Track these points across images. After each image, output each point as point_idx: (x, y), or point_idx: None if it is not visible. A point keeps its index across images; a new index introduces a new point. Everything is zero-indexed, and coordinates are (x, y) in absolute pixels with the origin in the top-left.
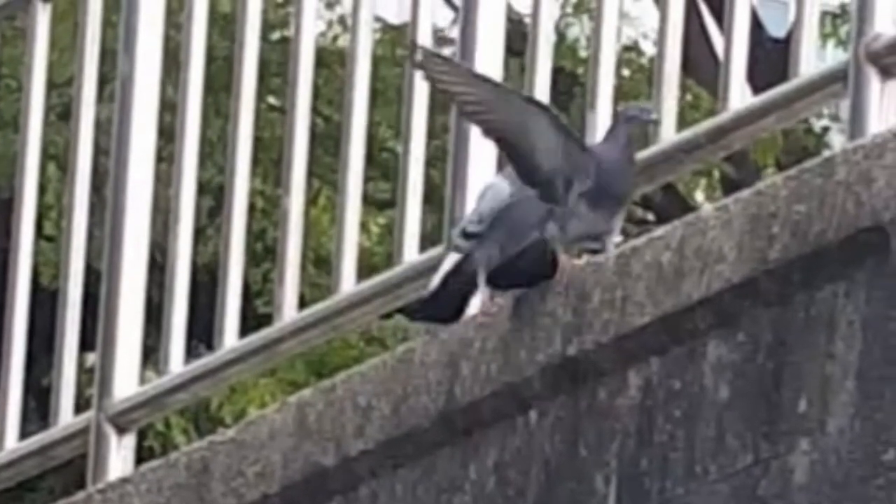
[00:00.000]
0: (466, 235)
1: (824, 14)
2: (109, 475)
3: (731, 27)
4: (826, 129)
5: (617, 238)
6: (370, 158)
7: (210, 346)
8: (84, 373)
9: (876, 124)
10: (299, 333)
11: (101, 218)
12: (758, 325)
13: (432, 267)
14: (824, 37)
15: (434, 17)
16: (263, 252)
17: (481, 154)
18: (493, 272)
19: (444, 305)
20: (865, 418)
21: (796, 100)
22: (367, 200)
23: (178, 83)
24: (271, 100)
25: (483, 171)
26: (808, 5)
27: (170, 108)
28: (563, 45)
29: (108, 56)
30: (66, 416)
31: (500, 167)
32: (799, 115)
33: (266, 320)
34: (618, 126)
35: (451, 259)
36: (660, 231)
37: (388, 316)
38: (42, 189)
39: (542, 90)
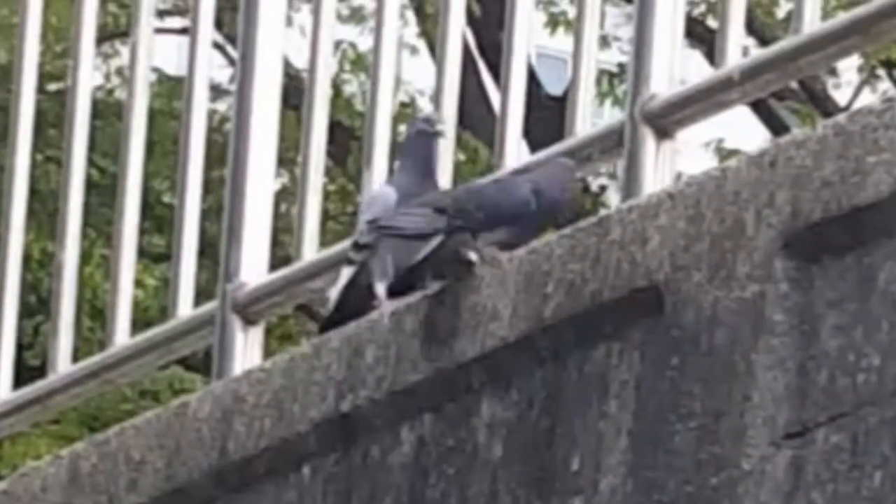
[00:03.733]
0: (358, 247)
1: (602, 73)
2: None
3: (507, 84)
4: (603, 188)
5: None
6: (146, 211)
7: None
8: None
9: (651, 184)
10: (73, 386)
11: None
12: (532, 383)
13: (207, 321)
14: (602, 96)
15: (212, 70)
16: (38, 304)
17: (257, 208)
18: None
19: (347, 317)
20: (638, 477)
21: (573, 158)
22: (143, 254)
23: None
24: (48, 151)
25: (258, 226)
26: (585, 64)
27: None
28: (339, 100)
29: None
30: None
31: (275, 222)
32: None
33: (36, 373)
34: (414, 143)
35: (346, 273)
36: (435, 288)
37: (163, 368)
38: None
39: (318, 144)
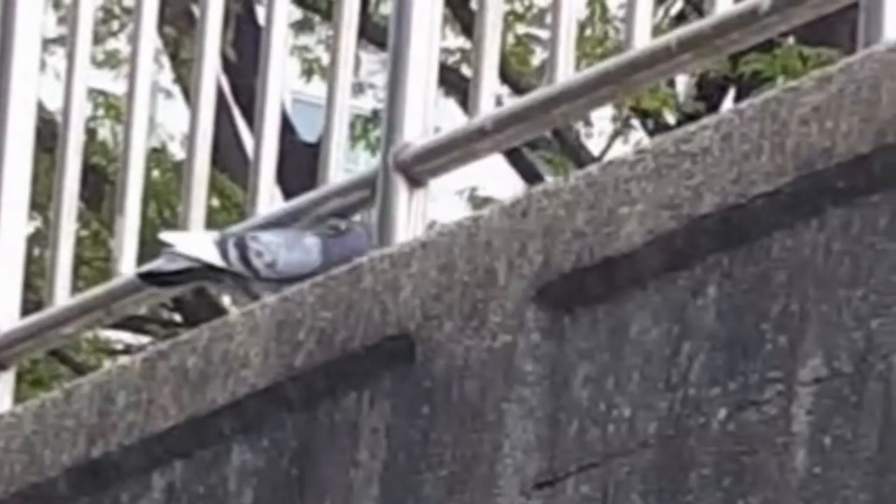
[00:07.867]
0: (246, 262)
1: (356, 118)
2: None
3: (260, 129)
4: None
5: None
6: None
7: None
8: None
9: (404, 233)
10: None
11: None
12: (282, 430)
13: None
14: (354, 139)
15: None
16: None
17: (9, 253)
18: None
19: (171, 282)
20: None
21: (324, 205)
22: None
23: None
24: None
25: (11, 270)
26: (339, 111)
27: None
28: (94, 143)
29: None
30: None
31: (28, 266)
32: (328, 222)
33: None
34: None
35: (213, 255)
36: (186, 335)
37: None
38: None
39: (70, 188)
